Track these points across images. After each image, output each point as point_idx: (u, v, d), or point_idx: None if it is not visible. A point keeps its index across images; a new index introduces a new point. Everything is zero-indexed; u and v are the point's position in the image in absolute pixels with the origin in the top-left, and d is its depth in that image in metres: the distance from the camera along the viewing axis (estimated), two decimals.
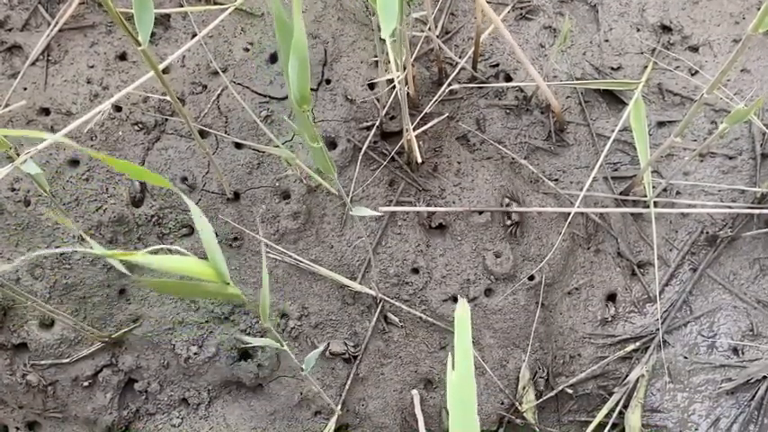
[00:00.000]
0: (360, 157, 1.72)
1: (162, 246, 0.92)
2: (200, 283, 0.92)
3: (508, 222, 1.71)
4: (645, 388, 1.75)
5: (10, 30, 1.77)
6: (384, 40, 1.37)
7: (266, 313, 1.08)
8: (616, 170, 1.82)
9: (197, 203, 1.69)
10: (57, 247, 1.67)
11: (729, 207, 1.78)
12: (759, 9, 1.37)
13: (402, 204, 1.74)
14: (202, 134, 1.72)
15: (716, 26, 1.86)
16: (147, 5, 1.07)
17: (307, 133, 1.10)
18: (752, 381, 1.74)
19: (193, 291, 0.94)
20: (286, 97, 1.72)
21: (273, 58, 1.76)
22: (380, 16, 1.02)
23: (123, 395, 1.76)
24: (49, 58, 1.76)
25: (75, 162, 1.70)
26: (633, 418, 1.73)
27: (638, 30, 1.87)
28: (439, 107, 1.78)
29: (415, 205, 1.72)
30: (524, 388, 1.72)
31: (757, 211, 1.75)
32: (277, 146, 1.67)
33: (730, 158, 1.81)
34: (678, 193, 1.80)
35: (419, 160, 1.68)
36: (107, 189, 1.68)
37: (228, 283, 0.93)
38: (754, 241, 1.79)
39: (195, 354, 1.71)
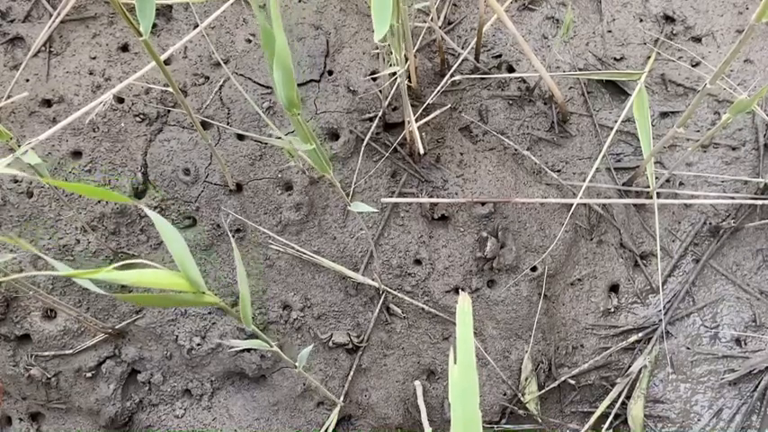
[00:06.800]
0: (362, 149, 1.71)
1: (131, 261, 0.92)
2: (178, 294, 0.92)
3: (479, 254, 1.70)
4: (647, 379, 1.75)
5: (12, 21, 1.77)
6: (384, 39, 1.37)
7: (248, 318, 1.07)
8: (619, 161, 1.82)
9: (199, 195, 1.69)
10: (60, 238, 1.67)
11: (732, 198, 1.78)
12: None
13: (404, 196, 1.74)
14: (205, 125, 1.72)
15: (719, 16, 1.86)
16: None
17: (300, 135, 1.10)
18: (755, 371, 1.75)
19: (171, 302, 0.94)
20: None
21: None
22: (374, 17, 1.02)
23: (126, 386, 1.76)
24: (51, 49, 1.75)
25: (77, 153, 1.70)
26: (636, 409, 1.73)
27: (641, 20, 1.86)
28: (441, 98, 1.78)
29: (418, 196, 1.72)
30: (527, 379, 1.72)
31: (760, 202, 1.75)
32: (279, 137, 1.67)
33: (733, 149, 1.81)
34: (681, 183, 1.79)
35: (421, 151, 1.68)
36: (109, 180, 1.69)
37: (204, 292, 0.92)
38: (757, 232, 1.79)
39: (198, 345, 1.71)
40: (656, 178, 1.75)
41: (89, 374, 1.72)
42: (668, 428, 1.76)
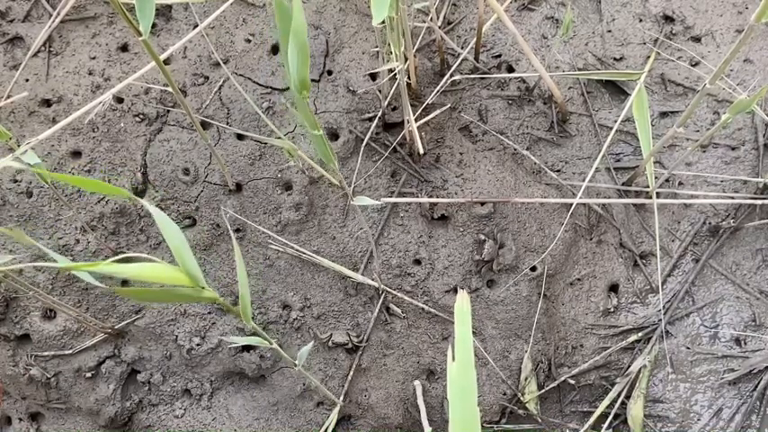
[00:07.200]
0: (362, 149, 1.71)
1: (131, 254, 0.91)
2: (177, 289, 0.90)
3: (477, 257, 1.70)
4: (647, 378, 1.75)
5: (12, 21, 1.77)
6: (384, 32, 1.37)
7: (248, 315, 1.07)
8: (618, 161, 1.82)
9: (199, 195, 1.69)
10: (59, 238, 1.67)
11: (732, 198, 1.77)
12: None
13: (404, 195, 1.74)
14: (204, 125, 1.72)
15: (718, 16, 1.86)
16: None
17: (307, 120, 1.09)
18: (754, 371, 1.75)
19: (170, 297, 0.93)
20: (288, 88, 1.72)
21: (275, 49, 1.76)
22: (372, 2, 1.02)
23: (126, 386, 1.76)
24: (51, 49, 1.75)
25: (77, 153, 1.70)
26: (635, 409, 1.73)
27: (641, 20, 1.86)
28: (441, 98, 1.78)
29: (417, 196, 1.72)
30: (526, 378, 1.72)
31: (760, 202, 1.75)
32: (279, 137, 1.67)
33: (733, 149, 1.81)
34: (680, 183, 1.79)
35: (421, 151, 1.68)
36: (109, 180, 1.69)
37: (204, 287, 0.91)
38: (757, 232, 1.79)
39: (198, 345, 1.71)
40: (656, 178, 1.75)
41: (89, 374, 1.72)
42: (668, 428, 1.76)
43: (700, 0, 1.86)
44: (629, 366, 1.77)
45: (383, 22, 1.07)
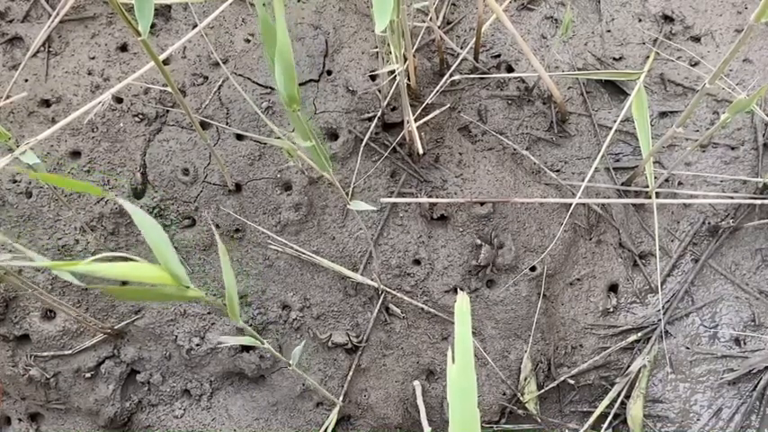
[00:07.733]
0: (361, 149, 1.71)
1: (112, 253, 0.90)
2: (161, 288, 0.89)
3: (474, 262, 1.70)
4: (647, 378, 1.75)
5: (11, 21, 1.77)
6: (384, 33, 1.37)
7: (236, 312, 1.06)
8: (618, 161, 1.82)
9: (198, 195, 1.69)
10: (59, 239, 1.67)
11: (731, 197, 1.78)
12: None
13: (403, 195, 1.74)
14: (204, 126, 1.72)
15: (718, 16, 1.86)
16: None
17: (299, 132, 1.09)
18: (754, 371, 1.75)
19: (156, 296, 0.91)
20: None
21: None
22: (375, 10, 1.02)
23: (126, 386, 1.76)
24: (50, 49, 1.75)
25: (76, 153, 1.70)
26: (635, 409, 1.73)
27: (640, 20, 1.86)
28: (440, 98, 1.78)
29: (417, 196, 1.72)
30: (526, 379, 1.72)
31: (759, 202, 1.75)
32: (278, 137, 1.67)
33: (732, 149, 1.81)
34: (680, 183, 1.79)
35: (421, 151, 1.68)
36: (108, 181, 1.68)
37: (188, 287, 0.90)
38: (756, 231, 1.79)
39: (197, 345, 1.71)
40: (655, 178, 1.75)
41: (88, 375, 1.72)
42: (667, 428, 1.76)
43: (699, 0, 1.87)
44: (628, 366, 1.77)
45: (384, 31, 1.07)
